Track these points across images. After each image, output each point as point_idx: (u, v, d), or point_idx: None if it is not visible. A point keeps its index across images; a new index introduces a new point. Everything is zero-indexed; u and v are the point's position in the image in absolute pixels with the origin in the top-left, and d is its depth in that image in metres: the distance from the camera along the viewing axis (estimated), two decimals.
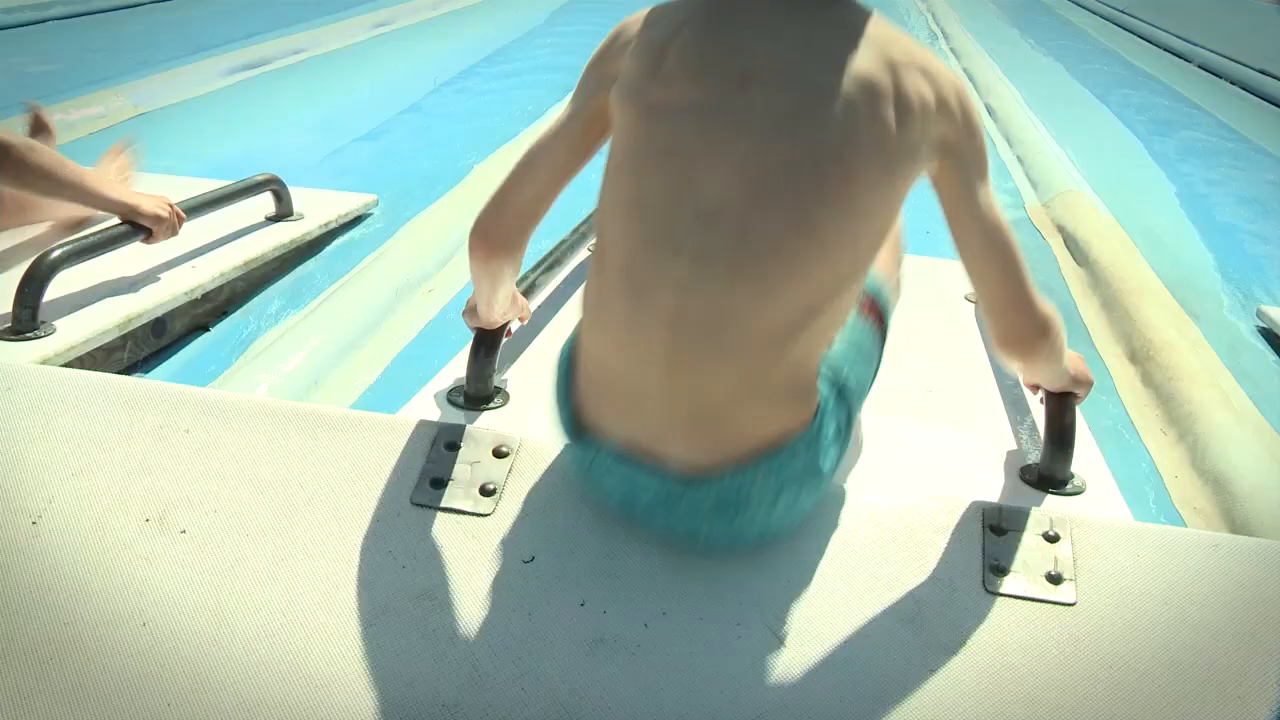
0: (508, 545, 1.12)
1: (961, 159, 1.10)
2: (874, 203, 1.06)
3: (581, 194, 1.26)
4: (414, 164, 3.17)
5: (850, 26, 1.06)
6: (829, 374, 1.12)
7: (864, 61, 1.03)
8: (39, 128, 2.48)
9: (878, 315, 1.31)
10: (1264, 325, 2.39)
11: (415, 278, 2.37)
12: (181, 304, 2.04)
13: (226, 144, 3.30)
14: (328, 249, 2.50)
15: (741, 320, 1.02)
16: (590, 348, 1.13)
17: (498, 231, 1.25)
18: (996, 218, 1.13)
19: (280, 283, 2.33)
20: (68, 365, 1.70)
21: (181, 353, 2.04)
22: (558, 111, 1.25)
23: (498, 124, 3.57)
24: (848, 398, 1.15)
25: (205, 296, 2.12)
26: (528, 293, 1.66)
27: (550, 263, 1.79)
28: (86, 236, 1.88)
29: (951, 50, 5.77)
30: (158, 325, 2.01)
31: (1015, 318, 1.14)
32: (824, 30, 1.06)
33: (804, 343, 1.07)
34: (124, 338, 1.89)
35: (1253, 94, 5.39)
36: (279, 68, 4.24)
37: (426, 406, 1.54)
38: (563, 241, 1.91)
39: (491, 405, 1.54)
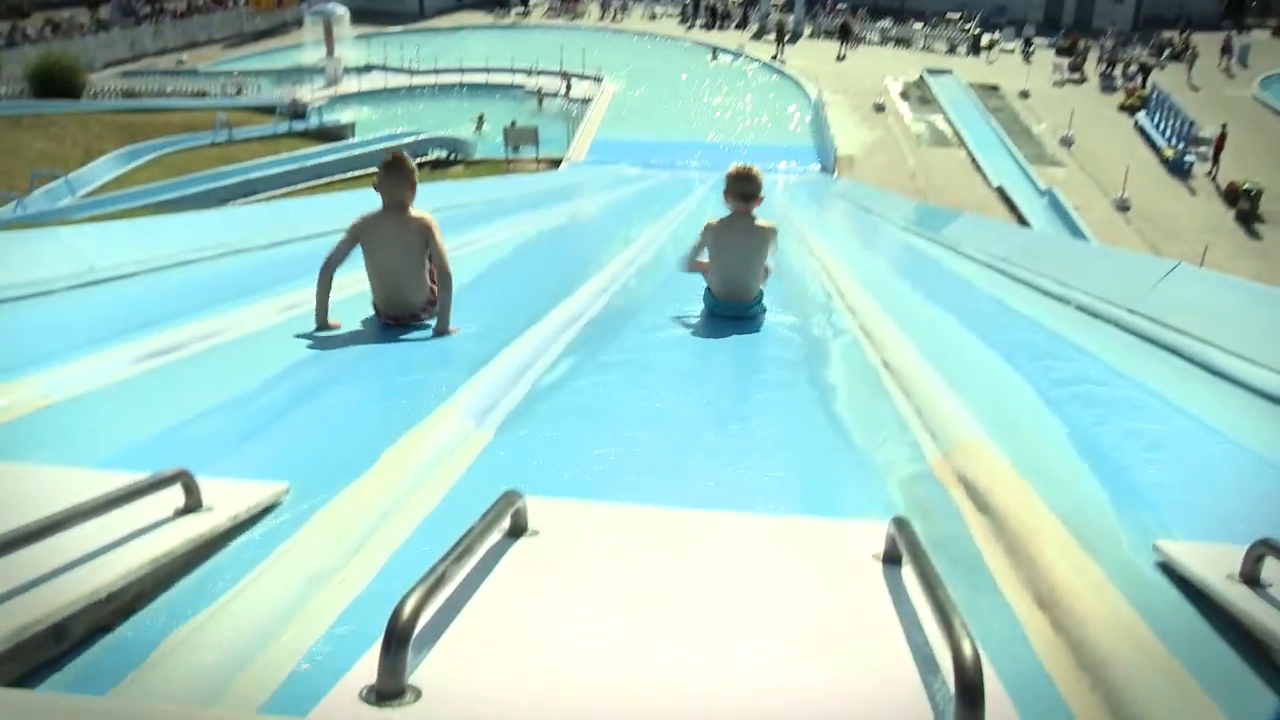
0: None
1: (774, 239, 5.73)
2: (760, 261, 5.67)
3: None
4: (325, 450, 3.17)
5: (756, 228, 5.64)
6: (760, 289, 5.74)
7: (756, 233, 5.63)
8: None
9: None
10: (1161, 559, 2.45)
11: (327, 569, 2.34)
12: (85, 606, 2.00)
13: (136, 433, 3.29)
14: (238, 541, 2.46)
15: (749, 281, 5.63)
16: (716, 287, 5.65)
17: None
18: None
19: (189, 578, 2.28)
20: None
21: (82, 657, 1.96)
22: (475, 382, 3.92)
23: (409, 406, 3.62)
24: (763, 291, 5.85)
25: (110, 597, 2.07)
26: (437, 584, 1.66)
27: (460, 552, 1.80)
28: None
29: (848, 308, 6.04)
30: (58, 630, 1.94)
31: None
32: (749, 229, 5.62)
33: (758, 283, 5.69)
34: (19, 646, 1.83)
35: (1125, 331, 5.70)
36: (191, 354, 4.27)
37: (338, 706, 1.51)
38: (470, 530, 1.92)
39: (404, 702, 1.52)
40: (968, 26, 48.02)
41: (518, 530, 2.27)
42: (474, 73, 39.62)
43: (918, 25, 48.45)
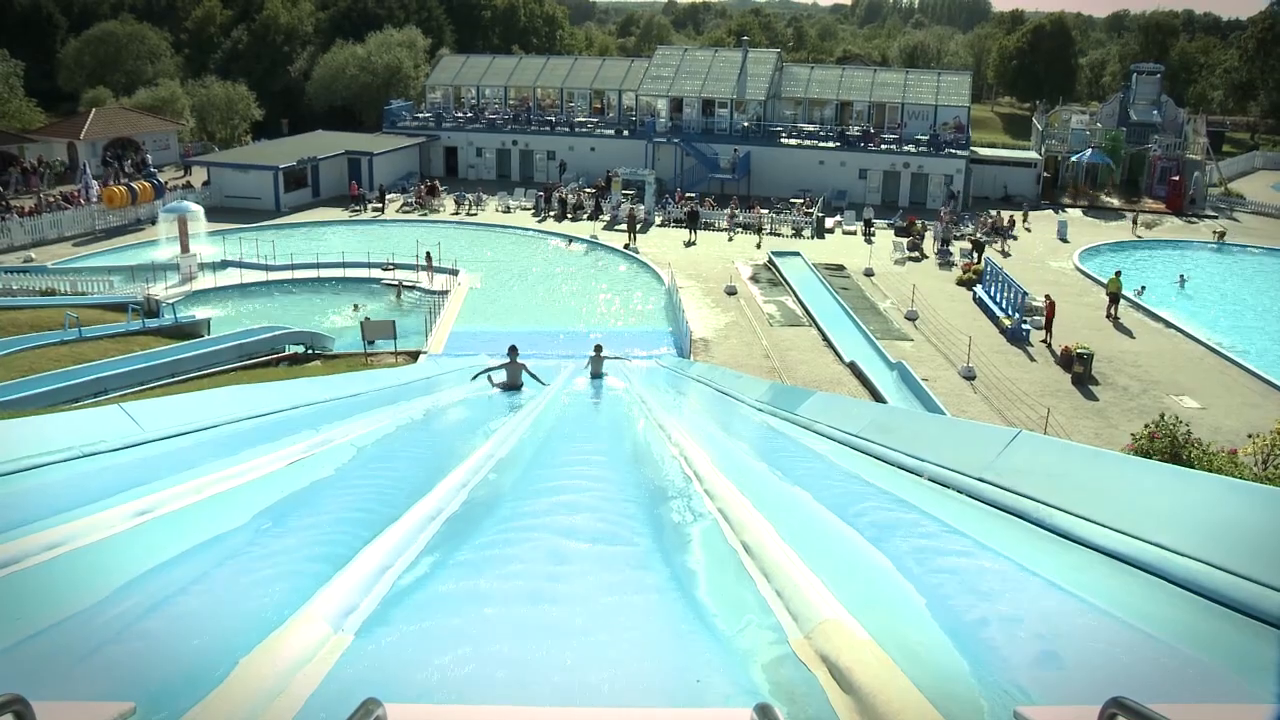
0: None
1: (605, 360, 20.57)
2: (602, 365, 19.90)
3: None
4: (174, 663, 3.05)
5: (602, 356, 20.19)
6: (604, 373, 19.92)
7: (602, 358, 19.90)
8: None
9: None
10: None
11: None
12: None
13: None
14: None
15: (601, 371, 19.75)
16: (590, 374, 19.65)
17: None
18: None
19: None
20: None
21: None
22: (334, 585, 3.81)
23: (265, 612, 3.51)
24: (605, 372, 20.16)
25: None
26: None
27: None
28: None
29: (705, 491, 6.10)
30: None
31: None
32: (599, 357, 19.90)
33: (603, 369, 19.87)
34: None
35: (975, 499, 5.88)
36: (32, 565, 4.09)
37: None
38: None
39: None
40: (811, 210, 50.34)
41: None
42: (331, 267, 39.67)
43: (764, 211, 50.56)
